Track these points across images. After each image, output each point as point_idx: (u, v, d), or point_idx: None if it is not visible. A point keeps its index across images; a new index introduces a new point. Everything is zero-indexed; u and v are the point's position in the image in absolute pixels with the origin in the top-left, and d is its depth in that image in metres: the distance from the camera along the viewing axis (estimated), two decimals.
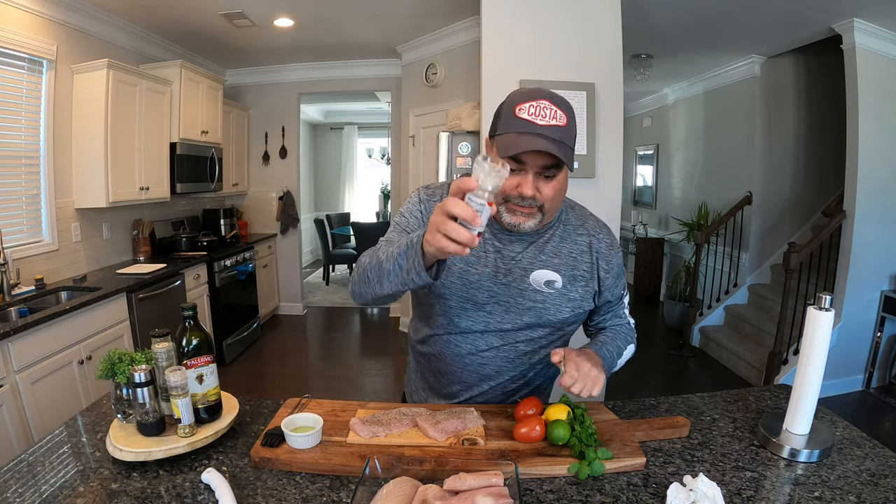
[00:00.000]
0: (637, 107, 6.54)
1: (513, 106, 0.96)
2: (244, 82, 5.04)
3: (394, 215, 1.22)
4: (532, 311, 1.10)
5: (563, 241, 1.12)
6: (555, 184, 0.98)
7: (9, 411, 1.98)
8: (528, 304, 1.09)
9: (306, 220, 7.48)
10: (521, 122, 0.94)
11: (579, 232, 1.14)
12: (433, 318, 1.17)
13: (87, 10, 3.02)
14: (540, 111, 0.93)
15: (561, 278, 1.10)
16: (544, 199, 0.99)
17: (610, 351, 1.13)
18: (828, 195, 4.40)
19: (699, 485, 0.82)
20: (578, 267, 1.12)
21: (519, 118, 0.94)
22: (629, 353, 1.21)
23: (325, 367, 4.08)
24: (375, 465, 0.87)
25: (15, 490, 0.88)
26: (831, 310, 0.98)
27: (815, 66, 4.22)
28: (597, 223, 1.17)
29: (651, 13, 3.21)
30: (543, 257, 1.10)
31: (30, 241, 2.77)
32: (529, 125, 0.93)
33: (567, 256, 1.11)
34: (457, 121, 3.16)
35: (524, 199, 0.98)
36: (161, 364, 1.02)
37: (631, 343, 1.21)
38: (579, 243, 1.13)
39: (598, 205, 1.36)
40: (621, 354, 1.17)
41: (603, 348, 1.11)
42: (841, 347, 3.27)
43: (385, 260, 0.92)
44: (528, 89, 0.99)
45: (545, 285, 1.09)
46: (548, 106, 0.94)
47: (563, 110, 0.95)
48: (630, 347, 1.21)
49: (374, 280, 0.96)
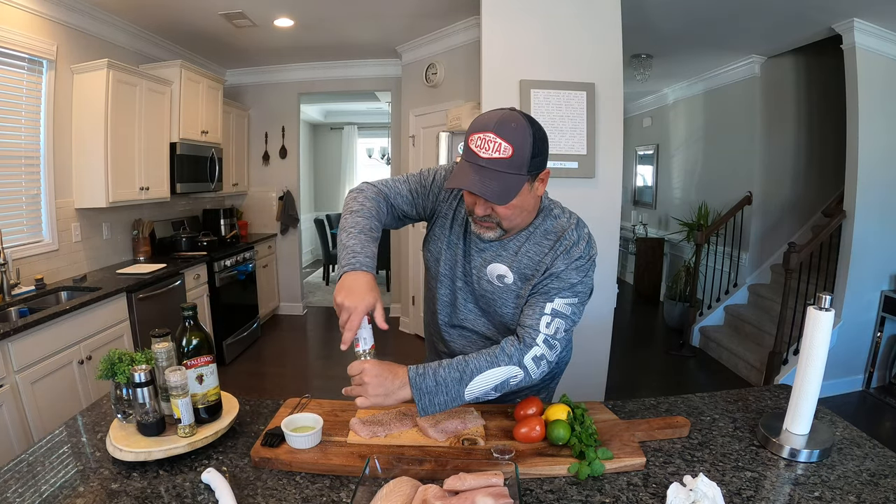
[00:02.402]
0: (637, 107, 6.54)
1: (469, 133, 1.03)
2: (244, 82, 5.04)
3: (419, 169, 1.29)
4: (483, 299, 1.19)
5: (527, 241, 1.14)
6: (507, 206, 1.03)
7: (9, 411, 1.98)
8: (480, 291, 1.18)
9: (306, 220, 7.48)
10: (468, 152, 1.01)
11: (548, 237, 1.12)
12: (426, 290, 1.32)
13: (87, 10, 3.02)
14: (484, 144, 0.99)
15: (513, 275, 1.13)
16: (500, 216, 1.06)
17: (443, 374, 1.00)
18: (828, 195, 4.40)
19: (699, 485, 0.82)
20: (531, 266, 1.12)
21: (469, 148, 1.02)
22: (502, 378, 1.01)
23: (325, 367, 4.08)
24: (375, 465, 0.87)
25: (15, 490, 0.88)
26: (831, 310, 0.98)
27: (815, 66, 4.22)
28: (575, 230, 1.12)
29: (651, 13, 3.21)
30: (504, 253, 1.15)
31: (30, 241, 2.77)
32: (474, 157, 1.00)
33: (524, 255, 1.13)
34: (457, 121, 3.17)
35: (479, 216, 1.07)
36: (161, 364, 1.02)
37: (508, 365, 1.02)
38: (543, 245, 1.12)
39: (598, 205, 1.36)
40: (474, 375, 1.01)
41: (439, 369, 1.01)
42: (841, 347, 3.27)
43: (345, 229, 1.12)
44: (484, 117, 1.02)
45: (496, 279, 1.15)
46: (493, 139, 0.98)
47: (510, 140, 0.97)
48: (502, 371, 1.01)
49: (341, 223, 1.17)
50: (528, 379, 1.04)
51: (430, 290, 1.31)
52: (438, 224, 1.23)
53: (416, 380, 0.99)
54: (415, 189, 1.23)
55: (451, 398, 1.00)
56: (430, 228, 1.26)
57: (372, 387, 0.96)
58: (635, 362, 4.08)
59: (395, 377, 0.99)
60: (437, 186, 1.23)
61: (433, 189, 1.23)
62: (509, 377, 1.02)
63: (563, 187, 1.16)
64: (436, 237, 1.24)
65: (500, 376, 1.01)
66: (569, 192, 1.24)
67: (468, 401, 1.02)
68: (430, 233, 1.26)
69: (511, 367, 1.02)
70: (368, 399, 0.96)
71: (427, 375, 1.00)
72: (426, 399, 0.98)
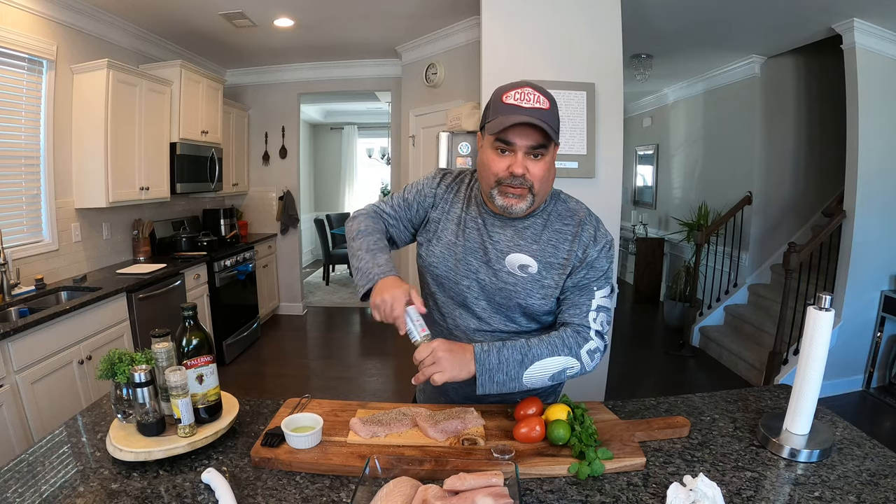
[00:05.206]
0: (637, 107, 6.54)
1: (499, 95, 1.05)
2: (244, 82, 5.04)
3: (405, 188, 1.30)
4: (503, 293, 1.13)
5: (546, 228, 1.13)
6: (543, 164, 1.05)
7: (9, 411, 1.98)
8: (500, 284, 1.13)
9: (306, 220, 7.48)
10: (507, 107, 1.02)
11: (566, 222, 1.14)
12: (425, 295, 1.26)
13: (87, 10, 3.02)
14: (524, 96, 1.02)
15: (536, 264, 1.12)
16: (534, 178, 1.05)
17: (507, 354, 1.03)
18: (828, 195, 4.40)
19: (699, 485, 0.82)
20: (557, 255, 1.12)
21: (505, 104, 1.03)
22: (559, 367, 1.05)
23: (325, 367, 4.08)
24: (375, 465, 0.87)
25: (15, 490, 0.88)
26: (831, 310, 0.98)
27: (815, 66, 4.22)
28: (589, 216, 1.16)
29: (651, 13, 3.21)
30: (521, 242, 1.13)
31: (30, 241, 2.77)
32: (516, 108, 1.01)
33: (546, 244, 1.12)
34: (457, 121, 3.16)
35: (515, 177, 1.04)
36: (161, 364, 1.02)
37: (566, 355, 1.05)
38: (563, 232, 1.13)
39: (598, 205, 1.36)
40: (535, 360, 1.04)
41: (503, 349, 1.04)
42: (841, 347, 3.27)
43: (353, 255, 1.16)
44: (512, 82, 1.07)
45: (519, 269, 1.12)
46: (531, 91, 1.03)
47: (546, 97, 1.04)
48: (560, 360, 1.05)
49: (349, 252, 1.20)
50: (582, 371, 1.08)
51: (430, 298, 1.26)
52: (441, 228, 1.20)
53: (480, 355, 1.02)
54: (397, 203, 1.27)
55: (510, 378, 1.03)
56: (427, 236, 1.22)
57: (446, 361, 1.00)
58: (635, 362, 4.08)
59: (464, 351, 1.03)
60: (434, 195, 1.23)
61: (426, 196, 1.24)
62: (566, 367, 1.06)
63: (563, 187, 1.16)
64: (439, 240, 1.19)
65: (558, 365, 1.05)
66: (569, 192, 1.24)
67: (525, 386, 1.04)
68: (430, 239, 1.21)
69: (570, 357, 1.06)
70: (445, 373, 0.99)
71: (491, 352, 1.03)
72: (486, 376, 1.02)
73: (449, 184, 1.24)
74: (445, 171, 1.27)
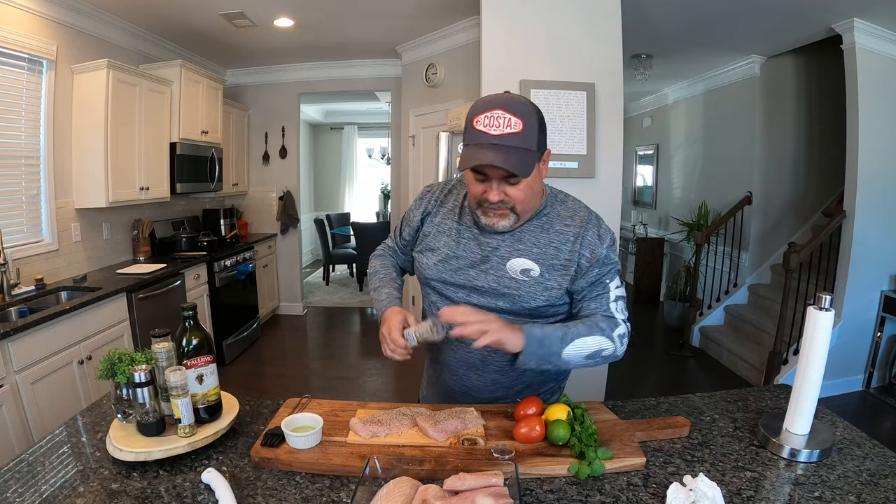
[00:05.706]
0: (637, 107, 6.54)
1: (471, 118, 1.02)
2: (244, 82, 5.04)
3: (403, 216, 1.35)
4: (507, 298, 1.13)
5: (544, 231, 1.13)
6: (523, 185, 1.03)
7: (9, 411, 1.98)
8: (503, 290, 1.13)
9: (306, 220, 7.48)
10: (477, 133, 0.99)
11: (566, 223, 1.14)
12: (428, 304, 1.28)
13: (87, 10, 3.02)
14: (493, 121, 0.98)
15: (538, 267, 1.12)
16: (514, 200, 1.05)
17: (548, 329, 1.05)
18: (828, 195, 4.40)
19: (699, 485, 0.82)
20: (559, 256, 1.12)
21: (475, 130, 1.00)
22: (596, 347, 1.07)
23: (325, 367, 4.08)
24: (375, 465, 0.87)
25: (15, 490, 0.88)
26: (831, 310, 0.98)
27: (815, 66, 4.22)
28: (589, 214, 1.16)
29: (651, 13, 3.21)
30: (521, 246, 1.13)
31: (30, 241, 2.77)
32: (484, 136, 0.98)
33: (547, 246, 1.12)
34: (457, 121, 3.16)
35: (492, 203, 1.05)
36: (161, 364, 1.02)
37: (602, 336, 1.07)
38: (564, 233, 1.13)
39: (598, 205, 1.36)
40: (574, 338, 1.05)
41: (545, 326, 1.07)
42: (841, 347, 3.27)
43: (373, 290, 1.29)
44: (486, 98, 1.03)
45: (521, 273, 1.12)
46: (501, 115, 0.98)
47: (519, 115, 0.99)
48: (597, 339, 1.07)
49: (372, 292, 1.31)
50: (615, 353, 1.10)
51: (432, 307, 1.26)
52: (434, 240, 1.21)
53: (524, 327, 1.03)
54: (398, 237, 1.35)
55: (551, 353, 1.03)
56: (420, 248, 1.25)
57: (497, 323, 1.00)
58: (635, 362, 4.08)
59: (511, 324, 1.03)
60: (421, 215, 1.26)
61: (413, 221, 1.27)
62: (602, 348, 1.07)
63: (562, 187, 1.16)
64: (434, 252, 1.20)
65: (595, 345, 1.07)
66: (569, 192, 1.24)
67: (564, 361, 1.05)
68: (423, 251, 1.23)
69: (605, 338, 1.07)
70: (494, 334, 0.98)
71: (535, 326, 1.05)
72: (533, 345, 1.01)
73: (436, 196, 1.25)
74: (429, 188, 1.29)
